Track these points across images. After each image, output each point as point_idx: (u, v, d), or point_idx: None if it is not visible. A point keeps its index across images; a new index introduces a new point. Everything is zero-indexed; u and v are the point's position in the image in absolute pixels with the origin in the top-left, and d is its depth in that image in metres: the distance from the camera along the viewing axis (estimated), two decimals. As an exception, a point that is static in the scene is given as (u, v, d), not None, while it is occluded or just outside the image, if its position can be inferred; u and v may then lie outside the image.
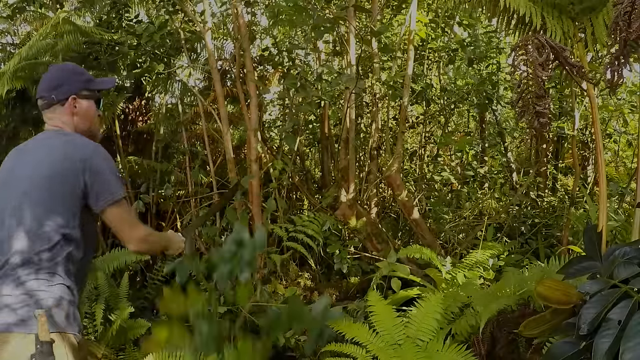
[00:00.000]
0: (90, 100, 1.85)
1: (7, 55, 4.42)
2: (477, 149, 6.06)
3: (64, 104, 1.79)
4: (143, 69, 4.10)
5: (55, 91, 1.79)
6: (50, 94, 1.79)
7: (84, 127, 1.83)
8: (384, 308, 2.41)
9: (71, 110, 1.80)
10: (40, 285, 1.59)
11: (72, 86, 1.81)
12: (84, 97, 1.83)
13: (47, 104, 1.79)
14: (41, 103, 1.81)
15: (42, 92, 1.81)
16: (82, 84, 1.84)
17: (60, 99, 1.79)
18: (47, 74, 1.86)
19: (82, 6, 4.61)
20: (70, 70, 1.88)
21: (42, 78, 1.85)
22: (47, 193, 1.65)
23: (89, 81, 1.87)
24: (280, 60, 4.32)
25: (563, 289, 1.86)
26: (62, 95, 1.79)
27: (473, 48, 5.05)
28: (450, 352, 2.11)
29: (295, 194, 4.91)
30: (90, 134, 1.85)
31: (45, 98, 1.80)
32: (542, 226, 4.68)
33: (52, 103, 1.79)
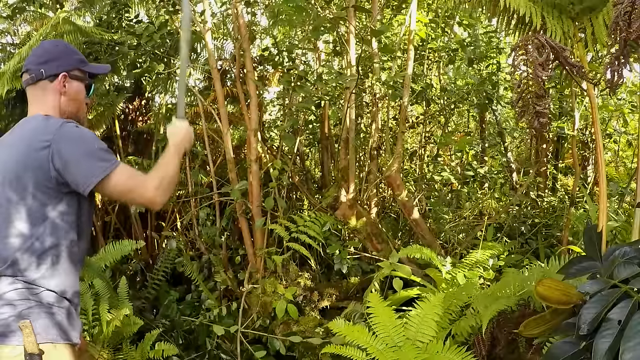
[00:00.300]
0: (81, 83, 1.69)
1: (7, 55, 4.42)
2: (477, 149, 6.07)
3: (53, 81, 1.62)
4: (143, 69, 4.10)
5: (46, 65, 1.62)
6: (39, 68, 1.61)
7: (71, 109, 1.67)
8: (384, 310, 2.40)
9: (60, 88, 1.63)
10: (21, 295, 1.47)
11: (64, 62, 1.65)
12: (75, 78, 1.67)
13: (34, 78, 1.61)
14: (27, 77, 1.63)
15: (30, 64, 1.63)
16: (76, 63, 1.68)
17: (50, 74, 1.62)
18: (37, 48, 1.68)
19: (82, 6, 4.61)
20: (64, 47, 1.71)
21: (32, 50, 1.68)
22: (17, 191, 1.48)
23: (83, 62, 1.71)
24: (280, 61, 4.32)
25: (563, 289, 1.86)
26: (52, 70, 1.62)
27: (473, 48, 5.05)
28: (450, 353, 2.11)
29: (295, 194, 4.91)
30: (77, 119, 1.68)
31: (32, 71, 1.62)
32: (542, 226, 4.68)
33: (40, 78, 1.61)
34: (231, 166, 3.76)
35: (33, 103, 1.64)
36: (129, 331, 2.97)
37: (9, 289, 1.47)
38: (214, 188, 4.19)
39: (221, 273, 3.64)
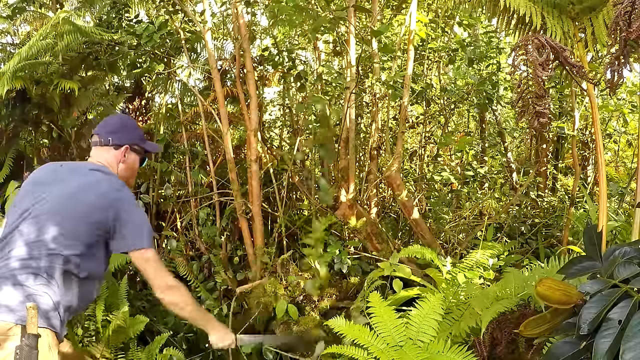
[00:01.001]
0: (138, 155, 2.06)
1: (7, 55, 4.42)
2: (477, 149, 6.07)
3: (117, 149, 1.98)
4: (143, 69, 4.10)
5: (114, 135, 1.98)
6: (108, 136, 1.98)
7: (125, 175, 2.01)
8: (385, 309, 2.40)
9: (121, 157, 1.99)
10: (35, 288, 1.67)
11: (129, 136, 2.01)
12: (134, 151, 2.03)
13: (102, 142, 1.97)
14: (96, 140, 1.98)
15: (101, 131, 1.99)
16: (137, 140, 2.04)
17: (116, 143, 1.98)
18: (110, 118, 2.11)
19: (82, 6, 4.61)
20: (131, 124, 2.09)
21: (105, 119, 2.07)
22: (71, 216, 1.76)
23: (142, 139, 2.08)
24: (280, 61, 4.32)
25: (563, 289, 1.86)
26: (118, 141, 1.98)
27: (473, 48, 5.05)
28: (451, 353, 2.11)
29: (295, 194, 4.91)
30: (128, 184, 2.01)
31: (102, 137, 1.98)
32: (542, 226, 4.68)
33: (107, 144, 1.97)
34: (231, 166, 3.76)
35: (95, 157, 1.98)
36: (136, 330, 2.97)
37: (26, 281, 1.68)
38: (214, 188, 4.19)
39: (221, 273, 3.63)
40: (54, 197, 1.80)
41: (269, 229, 4.29)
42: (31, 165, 4.35)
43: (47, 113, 4.10)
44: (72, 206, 1.78)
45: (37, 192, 1.83)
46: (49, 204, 1.78)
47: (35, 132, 4.25)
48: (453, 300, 2.67)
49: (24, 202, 1.82)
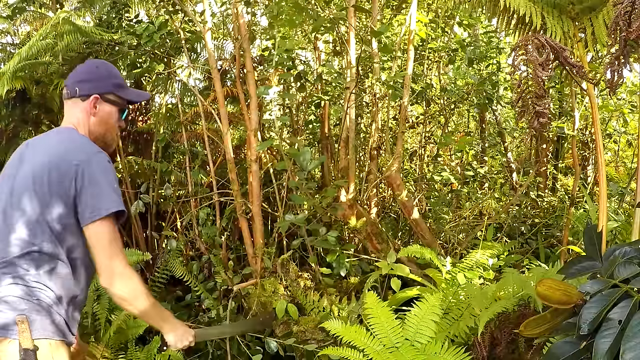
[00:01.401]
0: (114, 106, 1.75)
1: (7, 55, 4.42)
2: (477, 149, 6.07)
3: (84, 100, 1.70)
4: (143, 69, 4.10)
5: (80, 84, 1.71)
6: (75, 86, 1.71)
7: (99, 131, 1.73)
8: (381, 310, 2.40)
9: (90, 109, 1.71)
10: (20, 291, 1.49)
11: (98, 85, 1.72)
12: (108, 101, 1.74)
13: (69, 94, 1.72)
14: (65, 92, 1.73)
15: (68, 81, 1.74)
16: (110, 87, 1.74)
17: (83, 94, 1.70)
18: (81, 65, 1.78)
19: (82, 6, 4.61)
20: (104, 69, 1.76)
21: (76, 67, 1.79)
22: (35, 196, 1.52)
23: (119, 87, 1.77)
24: (280, 61, 4.32)
25: (563, 289, 1.86)
26: (85, 90, 1.70)
27: (473, 48, 5.05)
28: (449, 355, 2.10)
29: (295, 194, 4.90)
30: (104, 141, 1.75)
31: (68, 87, 1.72)
32: (542, 226, 4.68)
33: (74, 95, 1.71)
34: (231, 166, 3.76)
35: (66, 115, 1.73)
36: (134, 333, 2.96)
37: (8, 289, 1.49)
38: (214, 188, 4.19)
39: (221, 273, 3.63)
40: (17, 187, 1.56)
41: (269, 229, 4.29)
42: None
43: (47, 113, 4.10)
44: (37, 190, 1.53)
45: (3, 185, 1.61)
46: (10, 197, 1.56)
47: (35, 132, 4.24)
48: (453, 300, 2.67)
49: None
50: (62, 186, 1.52)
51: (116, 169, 4.53)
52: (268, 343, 3.13)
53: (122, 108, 1.78)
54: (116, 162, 4.63)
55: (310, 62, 5.56)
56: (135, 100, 1.85)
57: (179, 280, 3.86)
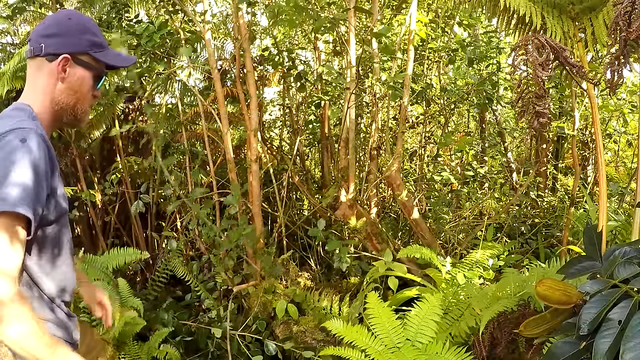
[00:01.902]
0: (89, 71, 1.37)
1: (7, 55, 4.42)
2: (477, 149, 6.07)
3: (52, 61, 1.31)
4: (143, 69, 4.10)
5: (47, 39, 1.31)
6: (40, 42, 1.31)
7: (67, 100, 1.35)
8: (383, 310, 2.40)
9: (57, 72, 1.32)
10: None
11: (71, 42, 1.33)
12: (82, 64, 1.35)
13: (31, 51, 1.32)
14: (28, 48, 1.34)
15: (33, 34, 1.34)
16: (86, 46, 1.35)
17: (49, 52, 1.31)
18: (50, 17, 1.37)
19: (82, 6, 4.61)
20: (80, 24, 1.35)
21: (44, 19, 1.38)
22: None
23: (97, 46, 1.37)
24: (280, 61, 4.32)
25: (563, 289, 1.86)
26: (53, 47, 1.31)
27: (473, 48, 5.05)
28: (450, 354, 2.11)
29: (295, 194, 4.91)
30: (73, 114, 1.38)
31: (32, 43, 1.33)
32: (542, 226, 4.68)
33: (38, 54, 1.31)
34: (231, 166, 3.76)
35: (27, 82, 1.36)
36: (132, 331, 2.97)
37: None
38: (214, 188, 4.19)
39: (221, 273, 3.64)
40: None
41: (269, 229, 4.29)
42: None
43: (47, 113, 4.10)
44: None
45: None
46: None
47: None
48: (453, 300, 2.67)
49: None
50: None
51: (116, 168, 4.53)
52: (267, 345, 3.13)
53: (98, 74, 1.40)
54: (116, 162, 4.64)
55: (310, 62, 5.56)
56: (116, 64, 1.41)
57: (179, 280, 3.86)
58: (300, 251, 4.17)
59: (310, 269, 3.97)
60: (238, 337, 3.19)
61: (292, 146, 4.77)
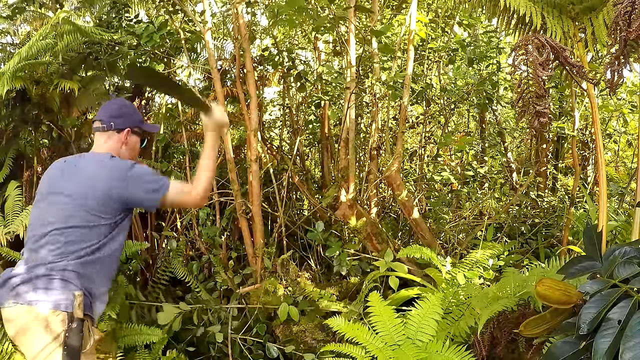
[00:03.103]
0: (138, 137, 2.17)
1: (7, 55, 4.42)
2: (477, 149, 6.07)
3: (119, 133, 2.08)
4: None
5: (116, 120, 2.08)
6: (110, 121, 2.08)
7: (128, 156, 2.12)
8: (384, 308, 2.40)
9: (123, 140, 2.09)
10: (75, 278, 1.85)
11: (130, 121, 2.11)
12: (135, 133, 2.14)
13: (104, 128, 2.08)
14: (98, 125, 2.08)
15: (103, 117, 2.09)
16: (137, 122, 2.14)
17: (118, 128, 2.08)
18: (111, 103, 2.16)
19: (82, 6, 4.61)
20: (131, 107, 2.18)
21: (105, 105, 2.14)
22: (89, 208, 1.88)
23: (142, 122, 2.19)
24: (280, 61, 4.32)
25: (563, 289, 1.86)
26: (120, 125, 2.08)
27: (473, 48, 5.05)
28: (450, 353, 2.11)
29: (295, 194, 4.91)
30: None
31: (104, 122, 2.08)
32: (542, 226, 4.68)
33: (109, 129, 2.07)
34: (231, 166, 3.76)
35: (100, 144, 2.09)
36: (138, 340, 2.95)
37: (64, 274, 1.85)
38: (214, 188, 4.19)
39: (221, 273, 3.64)
40: (66, 200, 1.91)
41: (269, 229, 4.29)
42: (31, 165, 4.35)
43: (47, 113, 4.10)
44: (84, 202, 1.89)
45: (50, 197, 1.95)
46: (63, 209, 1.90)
47: (35, 132, 4.25)
48: (453, 300, 2.67)
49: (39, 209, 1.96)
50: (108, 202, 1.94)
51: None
52: (269, 349, 3.14)
53: (143, 137, 2.21)
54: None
55: (310, 62, 5.56)
56: (152, 131, 2.30)
57: (179, 280, 3.86)
58: (300, 251, 4.17)
59: (310, 269, 3.97)
60: (239, 340, 3.20)
61: (292, 146, 4.77)
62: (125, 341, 2.89)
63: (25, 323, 1.79)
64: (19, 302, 1.80)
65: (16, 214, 3.28)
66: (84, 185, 1.93)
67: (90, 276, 1.90)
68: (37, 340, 1.78)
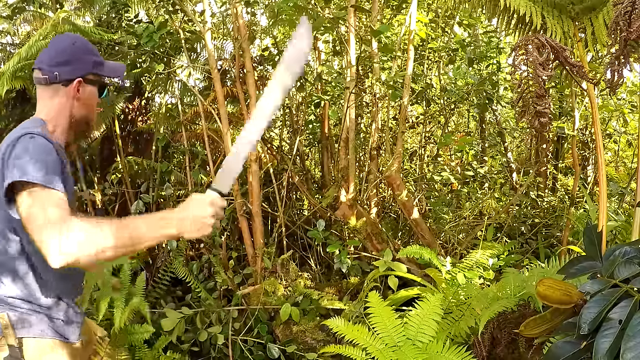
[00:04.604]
0: (95, 85, 1.60)
1: (7, 55, 4.42)
2: (477, 149, 6.07)
3: (67, 85, 1.52)
4: (143, 69, 4.10)
5: (61, 68, 1.51)
6: (53, 70, 1.50)
7: (82, 113, 1.58)
8: (383, 309, 2.40)
9: (74, 94, 1.54)
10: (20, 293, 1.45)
11: (80, 66, 1.54)
12: (90, 82, 1.58)
13: (47, 80, 1.50)
14: (39, 76, 1.51)
15: (44, 64, 1.52)
16: (92, 67, 1.57)
17: (65, 78, 1.51)
18: (53, 44, 1.57)
19: (82, 6, 4.60)
20: (83, 47, 1.57)
21: (48, 45, 1.57)
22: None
23: (99, 64, 1.60)
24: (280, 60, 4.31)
25: (564, 289, 1.86)
26: (67, 74, 1.52)
27: (473, 48, 5.05)
28: (450, 354, 2.10)
29: (295, 194, 4.90)
30: (86, 121, 1.61)
31: (45, 72, 1.50)
32: (542, 226, 4.68)
33: (53, 81, 1.51)
34: (231, 166, 3.76)
35: (41, 102, 1.54)
36: (139, 338, 2.95)
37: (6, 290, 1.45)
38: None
39: (221, 273, 3.63)
40: None
41: (269, 229, 4.29)
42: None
43: (47, 113, 4.10)
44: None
45: None
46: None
47: (35, 132, 4.24)
48: (453, 300, 2.67)
49: None
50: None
51: (116, 169, 4.53)
52: (270, 349, 3.14)
53: (102, 86, 1.64)
54: (116, 162, 4.64)
55: (310, 62, 5.56)
56: (113, 76, 1.66)
57: (179, 280, 3.85)
58: (300, 251, 4.17)
59: (310, 269, 3.97)
60: (240, 341, 3.20)
61: (292, 146, 4.76)
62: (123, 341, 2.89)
63: None
64: None
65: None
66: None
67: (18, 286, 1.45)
68: None
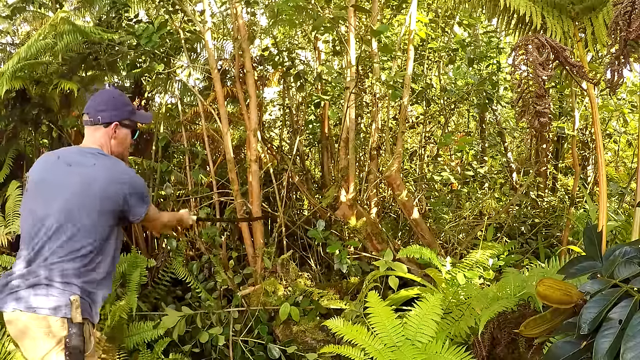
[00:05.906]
0: (129, 129, 2.09)
1: (7, 55, 4.42)
2: (477, 149, 6.07)
3: (107, 127, 2.02)
4: (143, 69, 4.10)
5: (102, 113, 2.01)
6: (97, 115, 2.01)
7: (118, 151, 2.06)
8: (383, 310, 2.40)
9: (111, 134, 2.02)
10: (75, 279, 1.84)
11: (117, 113, 2.03)
12: (125, 126, 2.06)
13: (92, 122, 2.01)
14: (86, 119, 2.03)
15: (90, 110, 2.03)
16: (126, 114, 2.06)
17: (105, 122, 2.01)
18: (98, 95, 2.08)
19: (81, 6, 4.60)
20: (120, 99, 2.08)
21: (93, 96, 2.07)
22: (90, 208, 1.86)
23: (132, 113, 2.10)
24: (280, 61, 4.31)
25: (564, 289, 1.86)
26: (107, 119, 2.01)
27: (473, 48, 5.05)
28: (449, 354, 2.10)
29: (295, 194, 4.90)
30: (121, 158, 2.08)
31: (91, 116, 2.02)
32: (542, 226, 4.68)
33: (96, 123, 2.01)
34: (231, 166, 3.76)
35: (89, 138, 2.04)
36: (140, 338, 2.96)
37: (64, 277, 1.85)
38: (214, 188, 4.18)
39: (221, 273, 3.63)
40: (66, 199, 1.86)
41: (269, 229, 4.29)
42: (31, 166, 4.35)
43: (46, 113, 4.10)
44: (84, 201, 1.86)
45: (46, 195, 1.88)
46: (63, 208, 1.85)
47: (35, 132, 4.24)
48: (453, 300, 2.67)
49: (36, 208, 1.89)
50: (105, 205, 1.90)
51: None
52: (270, 350, 3.14)
53: (134, 129, 2.13)
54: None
55: (310, 62, 5.56)
56: (143, 122, 2.19)
57: (179, 280, 3.85)
58: (300, 251, 4.17)
59: (310, 269, 3.97)
60: (241, 341, 3.20)
61: (292, 146, 4.77)
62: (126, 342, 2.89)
63: (26, 327, 1.78)
64: (19, 307, 1.78)
65: (17, 214, 3.28)
66: (83, 182, 1.88)
67: (90, 279, 1.87)
68: (38, 345, 1.78)
